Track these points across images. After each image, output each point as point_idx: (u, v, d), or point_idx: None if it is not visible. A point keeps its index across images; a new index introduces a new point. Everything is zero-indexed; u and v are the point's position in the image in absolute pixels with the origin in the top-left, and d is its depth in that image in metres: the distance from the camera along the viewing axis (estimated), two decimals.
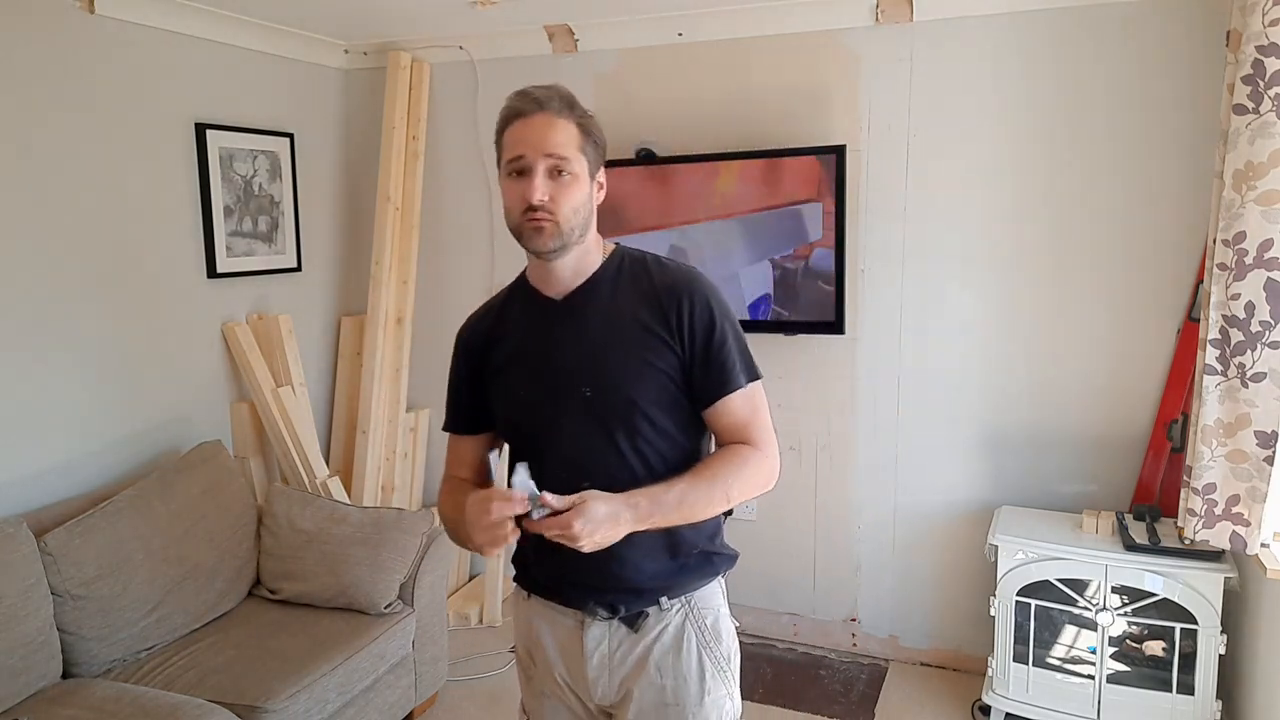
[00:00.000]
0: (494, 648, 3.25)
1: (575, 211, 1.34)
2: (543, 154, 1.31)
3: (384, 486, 3.50)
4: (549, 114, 1.33)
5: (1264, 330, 2.17)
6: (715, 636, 1.44)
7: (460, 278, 3.58)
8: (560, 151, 1.32)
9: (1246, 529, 2.25)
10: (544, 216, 1.32)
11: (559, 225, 1.33)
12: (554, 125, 1.33)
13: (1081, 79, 2.69)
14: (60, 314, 2.59)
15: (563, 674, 1.48)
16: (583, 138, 1.35)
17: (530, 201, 1.31)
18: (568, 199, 1.32)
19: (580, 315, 1.41)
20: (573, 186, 1.33)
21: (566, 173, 1.32)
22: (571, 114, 1.35)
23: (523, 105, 1.34)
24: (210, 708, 2.06)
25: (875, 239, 2.97)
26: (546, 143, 1.31)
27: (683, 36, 3.11)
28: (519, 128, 1.34)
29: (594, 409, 1.37)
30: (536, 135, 1.32)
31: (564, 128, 1.33)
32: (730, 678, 1.47)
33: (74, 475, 2.64)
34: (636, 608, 1.41)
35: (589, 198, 1.37)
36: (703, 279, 1.42)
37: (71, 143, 2.60)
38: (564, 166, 1.32)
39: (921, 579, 3.09)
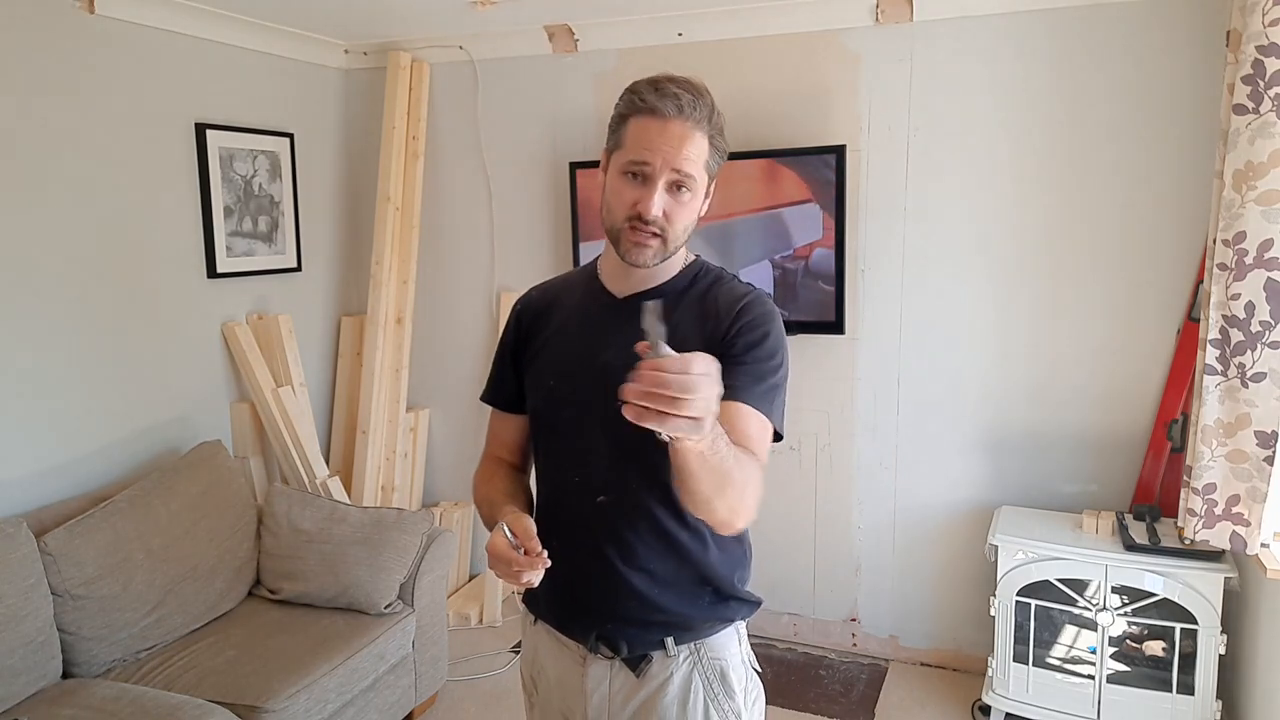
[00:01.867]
0: (494, 648, 3.25)
1: (686, 229, 1.26)
2: (670, 168, 1.20)
3: (384, 486, 3.50)
4: (688, 124, 1.20)
5: (1264, 330, 2.17)
6: (726, 690, 1.32)
7: (460, 278, 3.59)
8: (688, 169, 1.21)
9: (1246, 529, 2.25)
10: (653, 232, 1.23)
11: (665, 243, 1.25)
12: (689, 139, 1.21)
13: (1081, 79, 2.69)
14: (60, 314, 2.59)
15: (562, 709, 1.40)
16: (711, 152, 1.24)
17: (643, 214, 1.21)
18: (682, 217, 1.24)
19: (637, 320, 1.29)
20: (690, 205, 1.25)
21: (687, 190, 1.23)
22: (708, 126, 1.23)
23: (663, 106, 1.20)
24: (210, 708, 2.06)
25: (875, 239, 2.97)
26: (677, 157, 1.20)
27: (683, 36, 3.11)
28: (653, 129, 1.20)
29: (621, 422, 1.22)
30: (670, 146, 1.20)
31: (698, 142, 1.22)
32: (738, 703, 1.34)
33: (74, 475, 2.64)
34: (641, 648, 1.30)
35: (696, 216, 1.28)
36: (769, 302, 1.30)
37: (71, 143, 2.60)
38: (687, 184, 1.22)
39: (921, 579, 3.09)
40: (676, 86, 1.21)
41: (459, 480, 3.73)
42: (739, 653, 1.35)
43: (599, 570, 1.29)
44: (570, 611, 1.35)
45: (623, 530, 1.28)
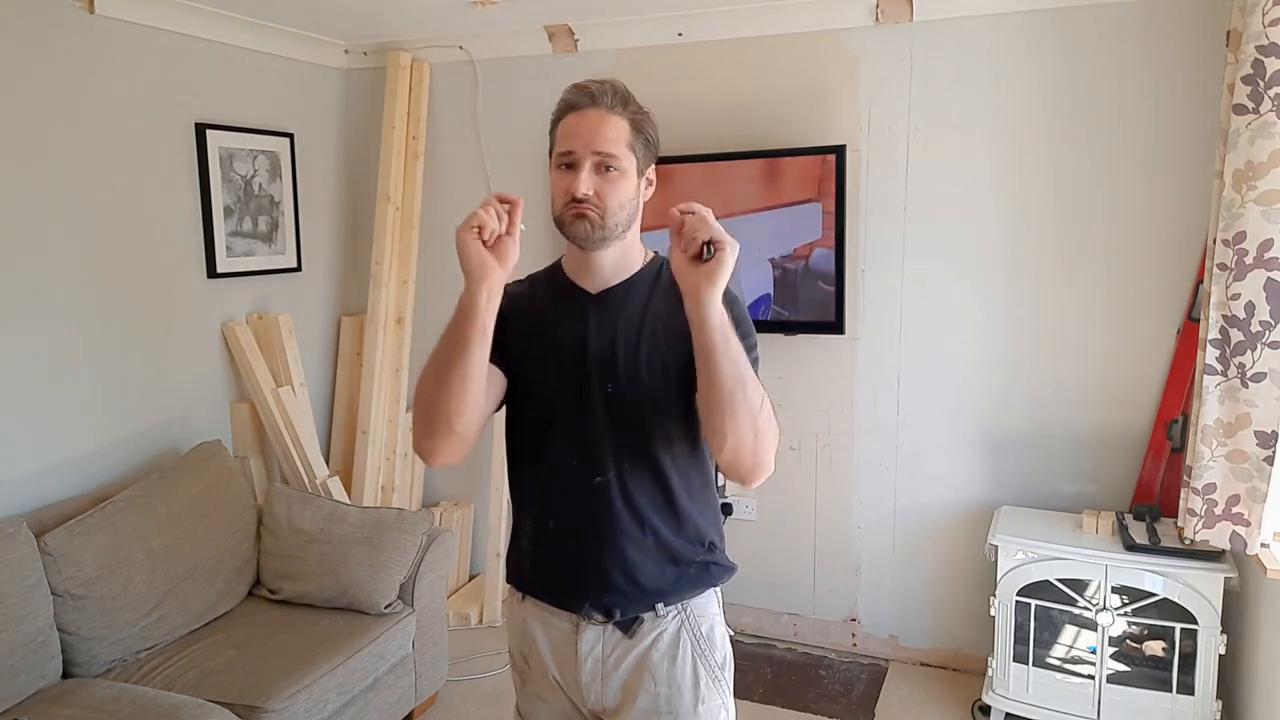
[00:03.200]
0: (494, 648, 3.25)
1: (620, 207, 1.34)
2: (591, 150, 1.31)
3: (384, 486, 3.50)
4: (601, 110, 1.33)
5: (1264, 330, 2.17)
6: (710, 644, 1.43)
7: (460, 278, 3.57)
8: (609, 149, 1.31)
9: (1246, 529, 2.25)
10: (588, 208, 1.33)
11: (603, 218, 1.33)
12: (605, 121, 1.32)
13: (1081, 79, 2.69)
14: (60, 314, 2.59)
15: (556, 677, 1.47)
16: (634, 134, 1.34)
17: (573, 193, 1.32)
18: (613, 194, 1.33)
19: (615, 311, 1.41)
20: (619, 182, 1.33)
21: (614, 169, 1.32)
22: (625, 110, 1.34)
23: (577, 99, 1.34)
24: (210, 708, 2.06)
25: (875, 239, 2.97)
26: (596, 139, 1.31)
27: (683, 36, 3.11)
28: (572, 121, 1.34)
29: (614, 407, 1.37)
30: (588, 130, 1.32)
31: (615, 124, 1.33)
32: (725, 686, 1.45)
33: (74, 475, 2.64)
34: (632, 612, 1.39)
35: (635, 194, 1.37)
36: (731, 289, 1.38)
37: (71, 143, 2.60)
38: (611, 163, 1.32)
39: (921, 579, 3.09)
40: (591, 82, 1.35)
41: (459, 480, 3.73)
42: (718, 613, 1.46)
43: (595, 546, 1.38)
44: (564, 586, 1.43)
45: (619, 506, 1.37)
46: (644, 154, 1.36)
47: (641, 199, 1.38)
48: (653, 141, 1.38)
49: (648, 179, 1.39)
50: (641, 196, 1.38)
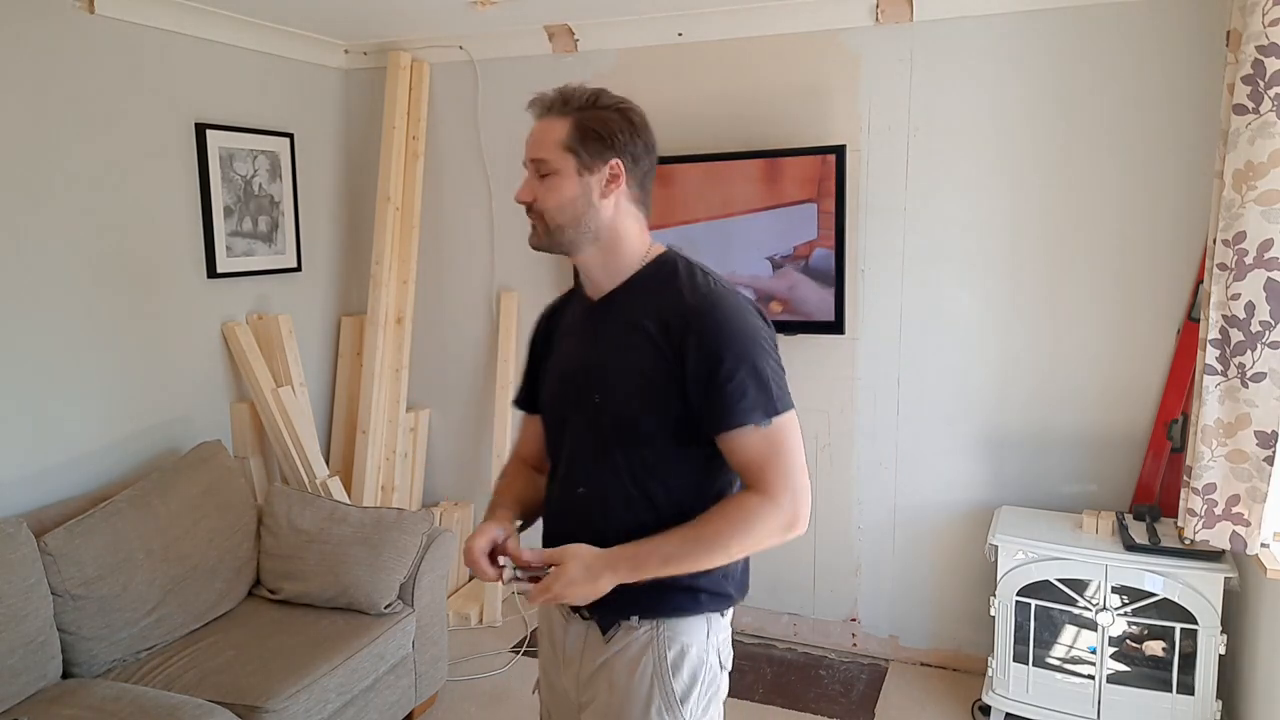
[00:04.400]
0: (494, 648, 3.25)
1: (560, 209, 1.35)
2: (529, 158, 1.37)
3: (384, 486, 3.50)
4: (544, 119, 1.36)
5: (1264, 330, 2.17)
6: (674, 670, 1.37)
7: (460, 278, 3.59)
8: (540, 153, 1.35)
9: (1246, 529, 2.25)
10: (533, 217, 1.38)
11: (545, 223, 1.37)
12: (543, 128, 1.36)
13: (1081, 79, 2.69)
14: (60, 314, 2.59)
15: (551, 659, 1.52)
16: (574, 133, 1.32)
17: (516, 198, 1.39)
18: (549, 196, 1.35)
19: (607, 319, 1.40)
20: (554, 185, 1.34)
21: (549, 173, 1.34)
22: (565, 110, 1.34)
23: (530, 111, 1.39)
24: (210, 708, 2.06)
25: (875, 239, 2.97)
26: (532, 145, 1.37)
27: (683, 36, 3.11)
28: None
29: (599, 418, 1.37)
30: (531, 140, 1.37)
31: (552, 127, 1.34)
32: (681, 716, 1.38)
33: (74, 475, 2.64)
34: (610, 617, 1.39)
35: (580, 194, 1.34)
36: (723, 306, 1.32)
37: (71, 143, 2.60)
38: (543, 168, 1.35)
39: (921, 579, 3.09)
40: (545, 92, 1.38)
41: (459, 480, 3.73)
42: (704, 643, 1.40)
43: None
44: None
45: (596, 518, 1.38)
46: (589, 150, 1.33)
47: (597, 195, 1.34)
48: (606, 138, 1.33)
49: (610, 175, 1.34)
50: (596, 193, 1.34)
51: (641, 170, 1.38)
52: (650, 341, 1.32)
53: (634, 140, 1.36)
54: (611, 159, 1.34)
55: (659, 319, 1.32)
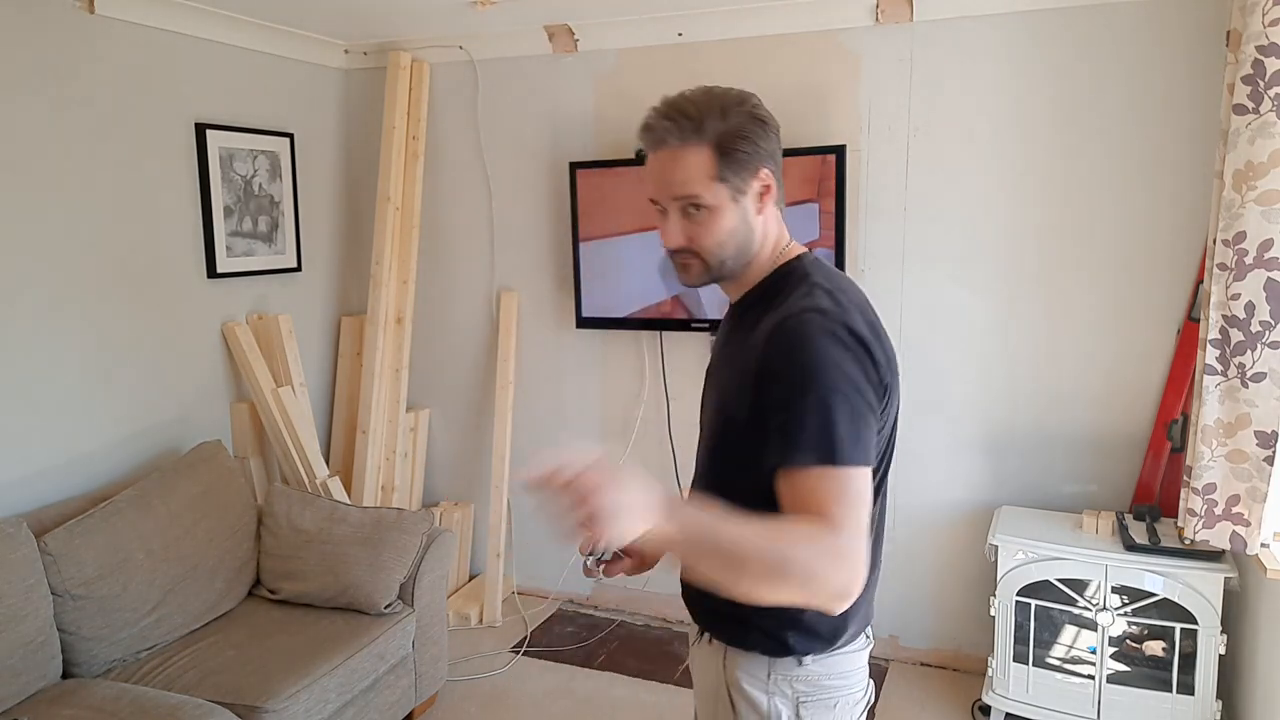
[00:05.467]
0: (494, 648, 3.25)
1: (720, 245, 1.22)
2: (671, 197, 1.21)
3: (384, 486, 3.50)
4: (670, 150, 1.19)
5: (1264, 330, 2.17)
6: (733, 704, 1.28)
7: (460, 278, 3.59)
8: (686, 191, 1.19)
9: (1246, 529, 2.25)
10: (687, 258, 1.24)
11: (705, 262, 1.24)
12: (677, 161, 1.19)
13: (1081, 79, 2.69)
14: (60, 314, 2.59)
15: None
16: (719, 160, 1.18)
17: (666, 245, 1.24)
18: (708, 235, 1.22)
19: (735, 324, 1.31)
20: (711, 222, 1.21)
21: (701, 208, 1.20)
22: (701, 136, 1.18)
23: (647, 143, 1.22)
24: (210, 708, 2.06)
25: (875, 239, 2.97)
26: (672, 184, 1.20)
27: (683, 36, 3.11)
28: (650, 166, 1.23)
29: (711, 423, 1.32)
30: (662, 177, 1.21)
31: (691, 159, 1.18)
32: None
33: (74, 475, 2.64)
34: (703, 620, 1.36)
35: (740, 222, 1.22)
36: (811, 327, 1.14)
37: (72, 143, 2.60)
38: (695, 203, 1.20)
39: (921, 579, 3.09)
40: (658, 116, 1.20)
41: (459, 480, 3.74)
42: (764, 684, 1.26)
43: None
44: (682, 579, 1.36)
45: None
46: (740, 173, 1.20)
47: (751, 215, 1.23)
48: (754, 153, 1.21)
49: (761, 189, 1.23)
50: (752, 212, 1.23)
51: (779, 163, 1.26)
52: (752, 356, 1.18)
53: (768, 136, 1.24)
54: (759, 170, 1.22)
55: (763, 332, 1.18)
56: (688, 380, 3.27)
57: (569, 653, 3.21)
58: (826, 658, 1.26)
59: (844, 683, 1.28)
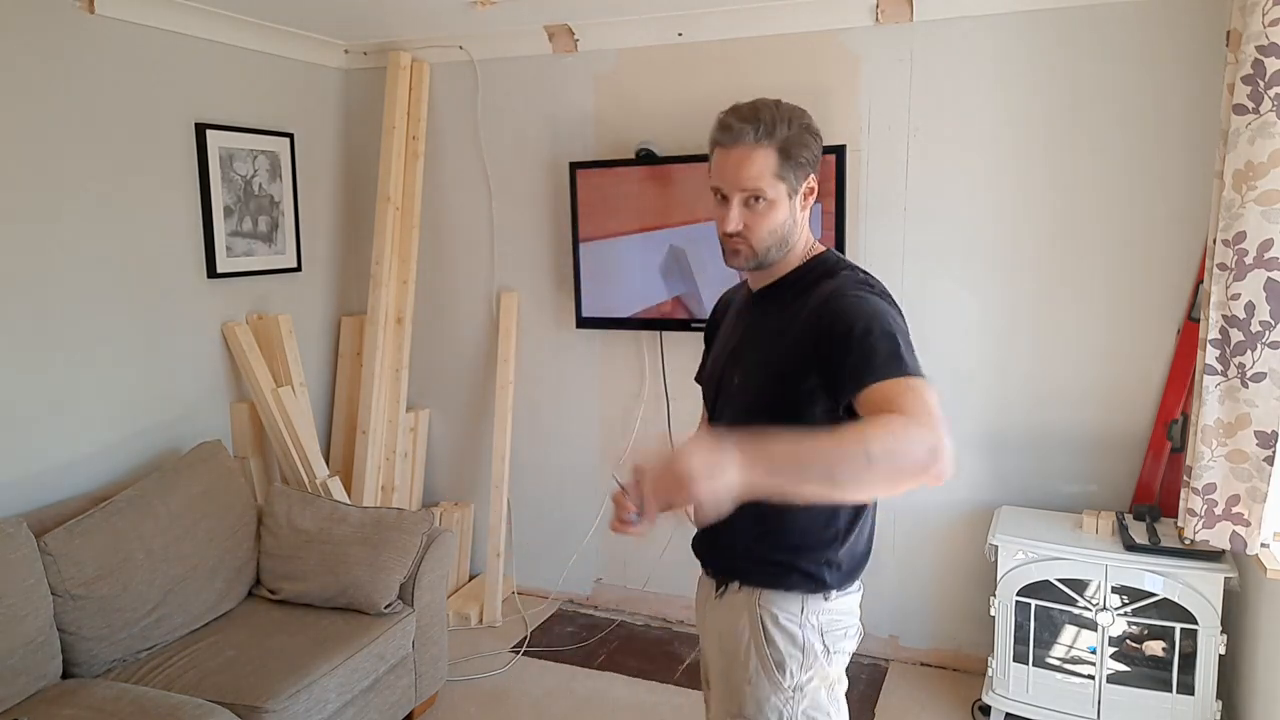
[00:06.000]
0: (494, 648, 3.25)
1: (771, 233, 1.43)
2: (738, 188, 1.40)
3: (384, 486, 3.50)
4: (745, 146, 1.39)
5: (1264, 330, 2.17)
6: (769, 639, 1.47)
7: (460, 278, 3.59)
8: (753, 185, 1.39)
9: (1246, 529, 2.25)
10: (738, 242, 1.44)
11: (753, 248, 1.44)
12: (749, 159, 1.39)
13: (1081, 79, 2.69)
14: (60, 314, 2.59)
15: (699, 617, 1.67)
16: (782, 162, 1.40)
17: (723, 229, 1.43)
18: (763, 225, 1.42)
19: (760, 310, 1.53)
20: (768, 213, 1.42)
21: (762, 200, 1.40)
22: (771, 140, 1.39)
23: (722, 137, 1.42)
24: (210, 708, 2.06)
25: (875, 239, 2.97)
26: (741, 178, 1.39)
27: (683, 36, 3.11)
28: (719, 157, 1.42)
29: (735, 398, 1.51)
30: (732, 170, 1.40)
31: (760, 159, 1.39)
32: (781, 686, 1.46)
33: (74, 475, 2.64)
34: (724, 578, 1.54)
35: (788, 216, 1.44)
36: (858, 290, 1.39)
37: (71, 143, 2.60)
38: (758, 195, 1.40)
39: (921, 579, 3.09)
40: (737, 117, 1.41)
41: (459, 480, 3.74)
42: (798, 618, 1.47)
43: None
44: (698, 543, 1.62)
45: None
46: (797, 174, 1.42)
47: (798, 212, 1.45)
48: (807, 159, 1.43)
49: (807, 190, 1.46)
50: (798, 210, 1.45)
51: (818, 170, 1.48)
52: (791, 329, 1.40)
53: (818, 151, 1.46)
54: (809, 175, 1.45)
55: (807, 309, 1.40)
56: (688, 380, 3.25)
57: (569, 653, 3.21)
58: (843, 596, 1.50)
59: (851, 618, 1.53)
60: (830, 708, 1.51)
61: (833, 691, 1.52)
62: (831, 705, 1.51)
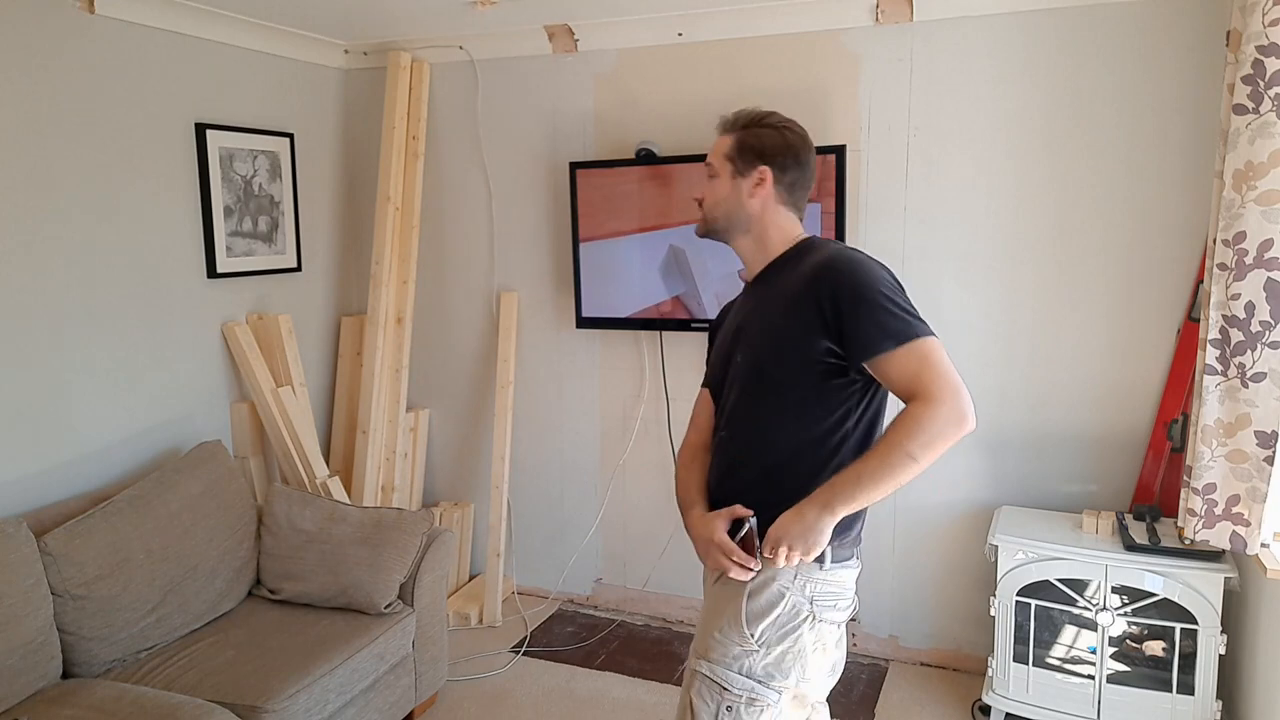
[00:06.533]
0: (494, 648, 3.25)
1: (715, 205, 1.69)
2: (706, 163, 1.71)
3: (384, 486, 3.50)
4: (720, 134, 1.70)
5: (1264, 330, 2.17)
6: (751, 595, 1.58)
7: (460, 278, 3.59)
8: (709, 160, 1.69)
9: (1246, 529, 2.25)
10: (698, 209, 1.73)
11: (704, 216, 1.72)
12: (718, 141, 1.70)
13: (1081, 79, 2.69)
14: (59, 314, 2.59)
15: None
16: (734, 146, 1.66)
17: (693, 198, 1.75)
18: (709, 194, 1.70)
19: (755, 294, 1.70)
20: (712, 185, 1.69)
21: (711, 174, 1.69)
22: (733, 130, 1.68)
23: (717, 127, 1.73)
24: (210, 708, 2.06)
25: (875, 239, 2.97)
26: (708, 155, 1.71)
27: (683, 36, 3.11)
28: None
29: (739, 374, 1.66)
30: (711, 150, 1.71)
31: (721, 142, 1.69)
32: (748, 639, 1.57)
33: (74, 475, 2.64)
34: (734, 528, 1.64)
35: (729, 193, 1.67)
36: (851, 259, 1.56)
37: (71, 143, 2.60)
38: (710, 172, 1.70)
39: (921, 579, 3.09)
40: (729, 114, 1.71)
41: (459, 480, 3.74)
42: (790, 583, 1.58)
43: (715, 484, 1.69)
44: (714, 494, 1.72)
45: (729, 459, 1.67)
46: (745, 159, 1.66)
47: (745, 196, 1.66)
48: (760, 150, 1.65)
49: (756, 178, 1.65)
50: (744, 194, 1.66)
51: (789, 179, 1.66)
52: (791, 302, 1.56)
53: (784, 155, 1.65)
54: (760, 167, 1.65)
55: (801, 282, 1.56)
56: (687, 380, 3.27)
57: (569, 653, 3.21)
58: (838, 568, 1.62)
59: (841, 590, 1.64)
60: (794, 670, 1.58)
61: (802, 656, 1.59)
62: (796, 667, 1.58)
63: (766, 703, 1.57)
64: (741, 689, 1.57)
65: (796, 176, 1.67)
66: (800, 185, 1.69)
